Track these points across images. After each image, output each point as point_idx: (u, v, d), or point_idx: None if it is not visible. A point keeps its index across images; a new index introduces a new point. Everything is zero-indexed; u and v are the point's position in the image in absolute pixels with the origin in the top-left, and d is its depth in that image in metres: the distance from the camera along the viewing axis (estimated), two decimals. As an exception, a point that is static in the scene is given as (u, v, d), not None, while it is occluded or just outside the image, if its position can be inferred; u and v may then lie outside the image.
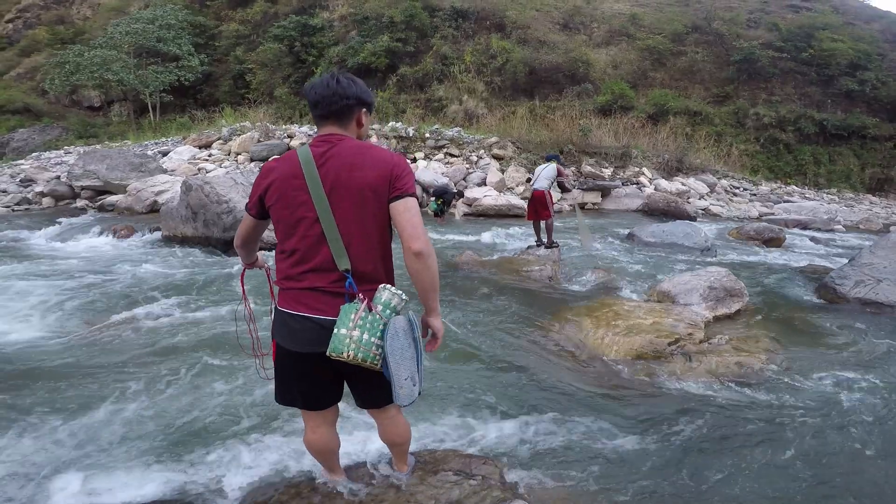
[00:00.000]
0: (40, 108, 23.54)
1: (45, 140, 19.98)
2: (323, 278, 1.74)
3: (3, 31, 28.98)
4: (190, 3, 25.38)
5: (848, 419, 3.21)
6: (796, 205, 14.58)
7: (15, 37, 28.36)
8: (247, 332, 2.29)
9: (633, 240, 8.50)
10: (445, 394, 3.24)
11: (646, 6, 26.34)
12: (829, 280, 5.88)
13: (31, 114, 23.11)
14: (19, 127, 21.49)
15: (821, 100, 20.48)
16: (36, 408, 3.04)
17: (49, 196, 11.47)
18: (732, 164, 17.82)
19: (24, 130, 21.01)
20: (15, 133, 20.77)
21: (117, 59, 20.33)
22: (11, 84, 25.20)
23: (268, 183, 1.78)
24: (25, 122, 22.11)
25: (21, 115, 22.93)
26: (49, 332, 4.34)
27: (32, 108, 23.40)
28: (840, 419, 3.21)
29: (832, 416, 3.24)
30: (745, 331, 4.68)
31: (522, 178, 12.71)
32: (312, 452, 2.11)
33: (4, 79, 25.85)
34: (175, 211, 7.58)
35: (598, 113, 17.78)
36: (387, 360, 1.67)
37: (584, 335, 4.34)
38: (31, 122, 22.22)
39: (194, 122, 18.50)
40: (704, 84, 21.33)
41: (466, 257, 6.73)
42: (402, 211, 1.70)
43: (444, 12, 20.84)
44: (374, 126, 13.90)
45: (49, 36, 25.97)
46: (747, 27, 22.88)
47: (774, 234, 9.40)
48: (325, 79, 1.79)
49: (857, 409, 3.33)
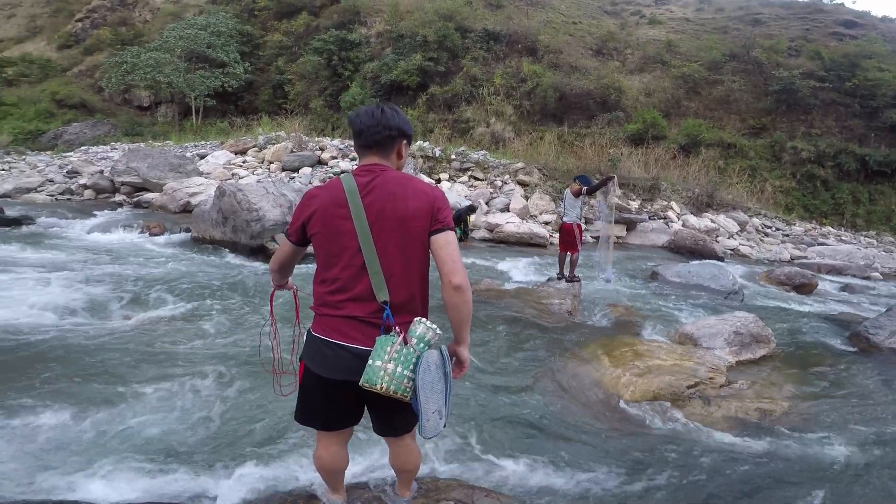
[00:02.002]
0: (94, 105, 24.74)
1: (95, 135, 20.94)
2: (361, 308, 1.76)
3: (72, 30, 30.68)
4: (239, 13, 26.47)
5: (873, 474, 3.07)
6: (831, 248, 14.07)
7: (82, 35, 29.99)
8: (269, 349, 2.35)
9: (658, 278, 8.35)
10: (454, 422, 3.24)
11: (682, 33, 26.15)
12: (862, 329, 5.74)
13: (85, 109, 24.25)
14: (74, 121, 22.54)
15: (863, 133, 19.63)
16: (49, 400, 3.15)
17: (91, 189, 12.07)
18: (766, 200, 17.31)
19: (78, 124, 21.98)
20: (69, 126, 21.76)
21: (169, 62, 21.25)
22: (73, 80, 26.68)
23: (311, 211, 1.81)
24: (80, 117, 23.18)
25: (77, 109, 24.08)
26: (64, 320, 4.51)
27: (88, 104, 24.61)
28: (865, 474, 3.08)
29: (856, 470, 3.11)
30: (770, 377, 4.56)
31: (547, 205, 12.63)
32: (320, 470, 2.13)
33: (67, 75, 27.36)
34: (206, 214, 7.83)
35: (629, 142, 17.57)
36: (417, 393, 1.69)
37: (600, 373, 4.27)
38: (85, 117, 23.30)
39: (233, 128, 19.11)
40: (740, 114, 20.81)
41: (484, 285, 6.71)
42: (443, 244, 1.74)
43: (475, 34, 21.09)
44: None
45: (111, 36, 27.27)
46: (788, 55, 22.27)
47: (806, 279, 9.08)
48: (370, 109, 1.83)
49: (885, 465, 3.18)
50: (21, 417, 2.96)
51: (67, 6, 32.63)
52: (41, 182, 12.52)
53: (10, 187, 11.86)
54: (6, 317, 4.42)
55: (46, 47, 30.27)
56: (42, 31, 31.86)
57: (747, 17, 27.80)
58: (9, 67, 27.01)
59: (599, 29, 25.28)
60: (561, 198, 13.27)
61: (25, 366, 3.60)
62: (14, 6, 34.11)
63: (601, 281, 7.39)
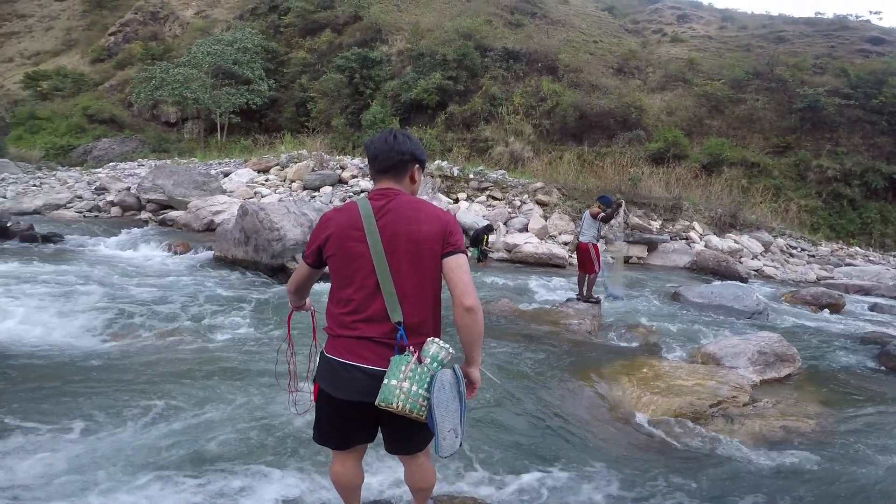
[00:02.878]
0: (124, 120, 25.33)
1: (124, 151, 21.44)
2: (375, 329, 1.80)
3: (105, 44, 31.41)
4: (265, 29, 26.94)
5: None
6: (859, 269, 13.67)
7: (114, 49, 30.66)
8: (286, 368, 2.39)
9: (680, 299, 8.22)
10: (471, 440, 3.23)
11: (705, 51, 26.03)
12: (892, 348, 5.66)
13: (115, 124, 24.84)
14: (103, 136, 23.07)
15: (891, 151, 19.14)
16: (65, 414, 3.23)
17: (118, 206, 12.39)
18: (790, 220, 16.93)
19: (107, 140, 22.50)
20: (98, 142, 22.30)
21: (197, 77, 21.61)
22: (104, 95, 27.38)
23: (327, 234, 1.87)
24: (109, 133, 23.76)
25: (107, 125, 24.69)
26: (92, 337, 4.65)
27: (117, 119, 25.19)
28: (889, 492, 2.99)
29: (883, 489, 3.02)
30: (795, 395, 4.47)
31: (566, 226, 12.55)
32: (336, 486, 2.14)
33: (99, 89, 28.04)
34: (229, 233, 7.98)
35: (650, 161, 17.43)
36: (432, 412, 1.71)
37: (620, 393, 4.24)
38: (114, 132, 23.87)
39: (256, 146, 19.43)
40: (764, 133, 20.48)
41: (503, 305, 6.68)
42: (454, 267, 1.79)
43: (495, 52, 21.21)
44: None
45: (142, 51, 27.78)
46: (813, 73, 21.98)
47: (833, 299, 8.86)
48: (383, 135, 1.93)
49: None
50: (44, 433, 3.03)
51: (102, 19, 33.59)
52: (70, 199, 12.81)
53: (41, 203, 12.17)
54: (33, 335, 4.56)
55: (80, 61, 31.17)
56: (77, 45, 32.80)
57: (771, 35, 27.60)
58: (44, 81, 27.91)
59: (620, 47, 25.31)
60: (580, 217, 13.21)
61: (49, 380, 3.70)
62: (52, 18, 35.24)
63: (610, 299, 7.27)
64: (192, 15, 32.25)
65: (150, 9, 31.95)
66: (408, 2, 28.36)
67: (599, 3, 34.33)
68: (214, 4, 32.93)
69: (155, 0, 32.31)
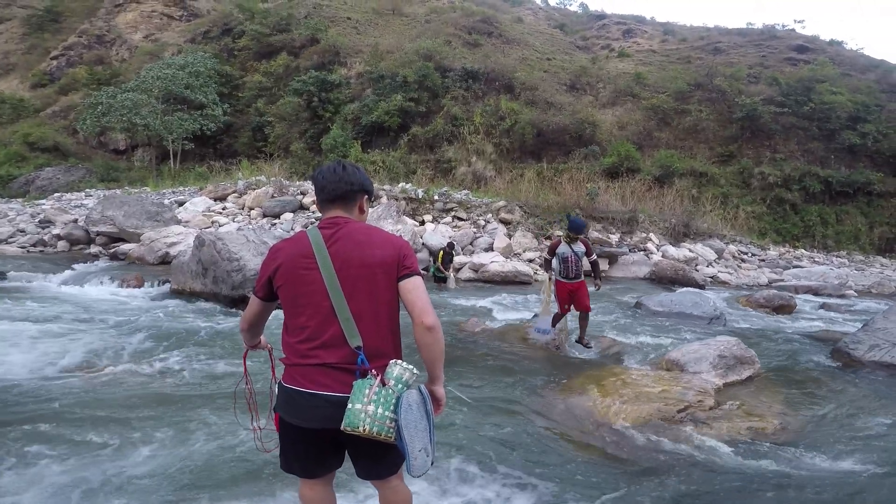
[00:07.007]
0: (68, 148, 24.01)
1: (69, 180, 20.31)
2: (333, 354, 1.78)
3: (47, 68, 29.79)
4: (218, 52, 26.32)
5: (865, 485, 3.14)
6: (806, 270, 14.51)
7: (57, 74, 29.10)
8: (246, 408, 2.31)
9: (641, 309, 8.49)
10: (446, 456, 3.21)
11: (650, 65, 27.26)
12: (842, 345, 5.95)
13: (59, 153, 23.48)
14: (46, 165, 21.74)
15: (824, 156, 20.44)
16: (35, 453, 3.07)
17: (65, 239, 11.68)
18: (740, 226, 17.80)
19: (51, 169, 21.23)
20: (41, 171, 21.03)
21: (146, 103, 20.80)
22: (46, 121, 25.85)
23: (277, 265, 1.85)
24: (52, 161, 22.42)
25: (50, 153, 23.29)
26: (49, 375, 4.38)
27: (61, 147, 23.81)
28: (857, 485, 3.13)
29: (849, 482, 3.16)
30: (758, 396, 4.64)
31: (530, 243, 12.82)
32: None
33: (41, 115, 26.48)
34: (186, 266, 7.68)
35: (605, 175, 18.05)
36: (401, 433, 1.70)
37: (591, 403, 4.30)
38: (58, 161, 22.54)
39: (212, 173, 18.82)
40: (709, 143, 21.55)
41: (472, 324, 6.70)
42: (411, 289, 1.80)
43: (455, 73, 21.57)
44: (384, 187, 14.11)
45: (87, 76, 26.46)
46: (748, 82, 23.31)
47: (785, 301, 9.36)
48: (331, 166, 1.94)
49: (876, 475, 3.24)
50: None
51: (43, 43, 31.87)
52: (11, 233, 12.05)
53: (-23, 238, 11.43)
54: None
55: (19, 86, 29.50)
56: (15, 69, 30.98)
57: (708, 47, 29.18)
58: (-21, 107, 26.31)
59: (572, 64, 26.21)
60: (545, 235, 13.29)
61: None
62: (-13, 42, 33.51)
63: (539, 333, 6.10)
64: (141, 39, 31.07)
65: (95, 32, 30.70)
66: (366, 24, 28.56)
67: (551, 21, 35.64)
68: (164, 28, 31.97)
69: (101, 24, 31.20)
